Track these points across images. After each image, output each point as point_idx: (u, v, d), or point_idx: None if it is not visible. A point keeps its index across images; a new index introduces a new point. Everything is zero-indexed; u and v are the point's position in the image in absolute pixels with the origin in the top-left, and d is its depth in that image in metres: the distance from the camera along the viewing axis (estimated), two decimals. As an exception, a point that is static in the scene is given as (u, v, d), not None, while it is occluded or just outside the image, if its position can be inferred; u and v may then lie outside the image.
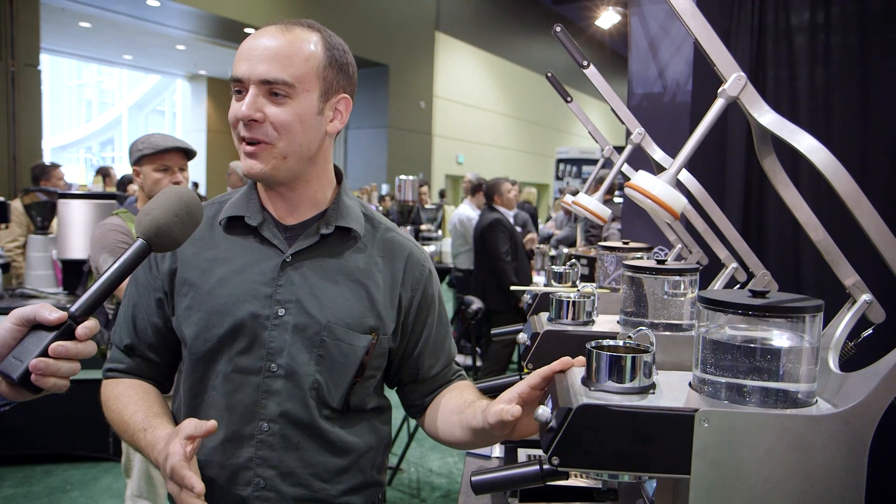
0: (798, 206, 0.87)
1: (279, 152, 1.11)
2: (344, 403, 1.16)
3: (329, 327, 1.14)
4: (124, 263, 0.90)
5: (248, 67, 1.09)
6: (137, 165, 2.44)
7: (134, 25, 11.43)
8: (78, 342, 0.86)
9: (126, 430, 1.13)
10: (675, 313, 1.21)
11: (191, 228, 0.96)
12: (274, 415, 1.13)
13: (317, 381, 1.14)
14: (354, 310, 1.16)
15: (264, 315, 1.13)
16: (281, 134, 1.10)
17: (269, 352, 1.13)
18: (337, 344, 1.14)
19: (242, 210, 1.18)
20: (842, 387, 0.79)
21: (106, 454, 3.84)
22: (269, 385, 1.13)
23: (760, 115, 0.79)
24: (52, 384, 0.85)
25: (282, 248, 1.16)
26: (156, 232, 0.91)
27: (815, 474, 0.74)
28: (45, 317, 0.85)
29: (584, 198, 1.31)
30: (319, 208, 1.20)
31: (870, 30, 1.96)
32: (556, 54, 19.72)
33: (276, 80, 1.08)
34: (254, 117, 1.08)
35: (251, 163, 1.12)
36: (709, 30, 0.80)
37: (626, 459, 0.76)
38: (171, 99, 20.24)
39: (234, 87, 1.11)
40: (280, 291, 1.14)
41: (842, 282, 0.88)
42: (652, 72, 2.14)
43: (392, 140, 13.97)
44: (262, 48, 1.09)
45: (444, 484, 3.84)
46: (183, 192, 0.96)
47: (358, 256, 1.20)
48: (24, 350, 0.85)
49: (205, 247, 1.19)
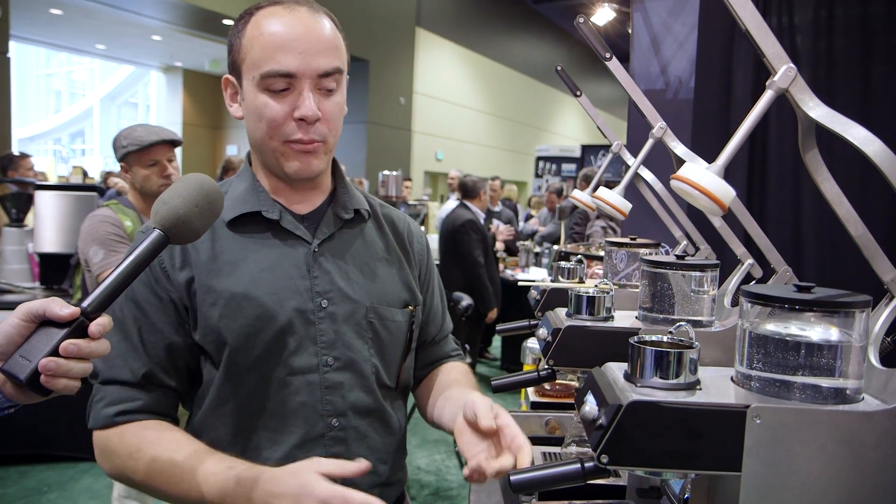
0: (838, 201, 0.86)
1: (329, 147, 1.09)
2: (396, 381, 1.17)
3: (374, 309, 1.13)
4: (140, 256, 0.84)
5: (304, 61, 1.01)
6: (124, 161, 2.38)
7: (108, 14, 11.18)
8: (91, 340, 0.79)
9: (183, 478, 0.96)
10: (695, 309, 1.20)
11: (211, 219, 0.90)
12: (342, 409, 1.09)
13: (374, 366, 1.12)
14: (389, 287, 1.16)
15: (309, 310, 1.08)
16: (331, 129, 1.07)
17: (323, 346, 1.09)
18: (384, 324, 1.14)
19: (255, 205, 1.11)
20: (888, 383, 0.78)
21: (89, 454, 3.74)
22: (330, 379, 1.09)
23: (811, 109, 0.78)
24: (62, 385, 0.78)
25: (306, 237, 1.12)
26: (175, 223, 0.85)
27: (867, 471, 0.73)
28: (55, 312, 0.78)
29: (605, 192, 1.30)
30: (325, 193, 1.18)
31: (872, 33, 1.98)
32: (535, 53, 19.83)
33: (335, 69, 1.03)
34: (320, 116, 1.03)
35: (312, 161, 1.07)
36: (760, 21, 0.79)
37: (675, 457, 0.75)
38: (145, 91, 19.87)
39: (275, 84, 1.02)
40: (317, 283, 1.10)
41: (880, 277, 0.87)
42: (654, 69, 2.14)
43: (371, 136, 13.88)
44: (315, 38, 1.02)
45: (433, 481, 3.82)
46: (203, 181, 0.90)
47: (374, 235, 1.20)
48: (33, 348, 0.78)
49: (215, 248, 1.09)
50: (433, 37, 15.65)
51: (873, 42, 2.02)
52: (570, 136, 21.31)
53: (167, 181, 2.40)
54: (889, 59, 2.02)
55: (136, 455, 1.01)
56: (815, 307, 0.76)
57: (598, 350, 1.20)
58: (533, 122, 20.33)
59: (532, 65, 19.32)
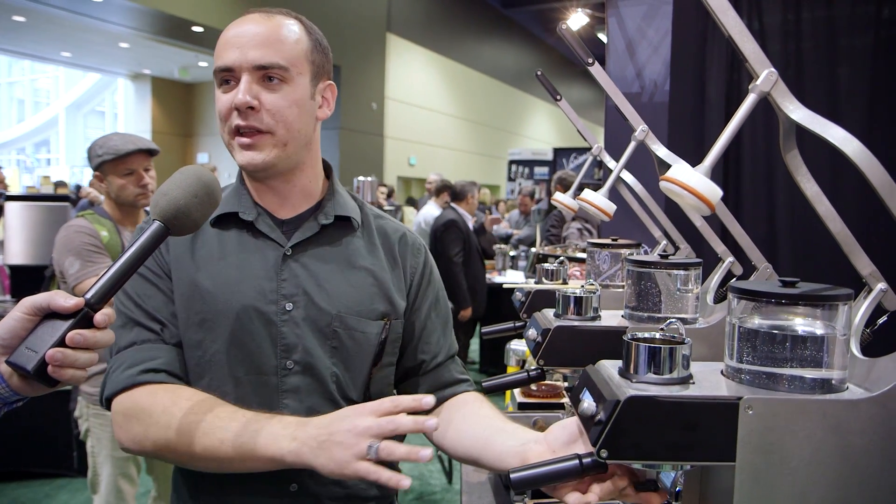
0: (818, 199, 0.90)
1: (279, 140, 1.09)
2: (364, 394, 1.15)
3: (340, 317, 1.12)
4: (140, 247, 0.85)
5: (239, 54, 1.06)
6: (99, 171, 2.35)
7: (73, 21, 11.00)
8: (96, 330, 0.81)
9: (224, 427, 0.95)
10: (680, 307, 1.23)
11: (210, 210, 0.92)
12: (298, 412, 1.08)
13: (335, 374, 1.12)
14: (363, 297, 1.15)
15: (272, 311, 1.09)
16: (278, 121, 1.08)
17: (283, 348, 1.09)
18: (350, 333, 1.13)
19: (234, 206, 1.14)
20: (871, 372, 0.82)
21: (68, 470, 3.66)
22: (288, 383, 1.09)
23: (792, 111, 0.81)
24: (69, 376, 0.80)
25: (280, 241, 1.13)
26: (174, 214, 0.87)
27: (854, 457, 0.76)
28: (60, 304, 0.80)
29: (590, 194, 1.33)
30: (313, 200, 1.19)
31: (836, 35, 2.04)
32: (506, 57, 19.95)
33: (271, 63, 1.06)
34: (251, 104, 1.05)
35: (250, 154, 1.08)
36: (741, 26, 0.82)
37: (672, 449, 0.77)
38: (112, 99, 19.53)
39: (222, 78, 1.08)
40: (284, 285, 1.11)
41: (859, 272, 0.91)
42: (630, 72, 2.19)
43: (344, 142, 13.84)
44: (251, 34, 1.07)
45: (417, 486, 3.82)
46: (202, 172, 0.92)
47: (359, 243, 1.20)
48: (38, 340, 0.79)
49: (194, 243, 1.13)
50: (404, 42, 15.68)
51: (838, 44, 2.09)
52: (541, 139, 21.48)
53: (144, 191, 2.38)
54: (853, 61, 2.09)
55: (171, 409, 0.99)
56: (800, 301, 0.80)
57: (587, 349, 1.23)
58: (505, 126, 20.46)
59: (503, 69, 19.45)
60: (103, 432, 2.35)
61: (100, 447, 2.36)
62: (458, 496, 1.91)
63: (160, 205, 0.87)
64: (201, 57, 13.11)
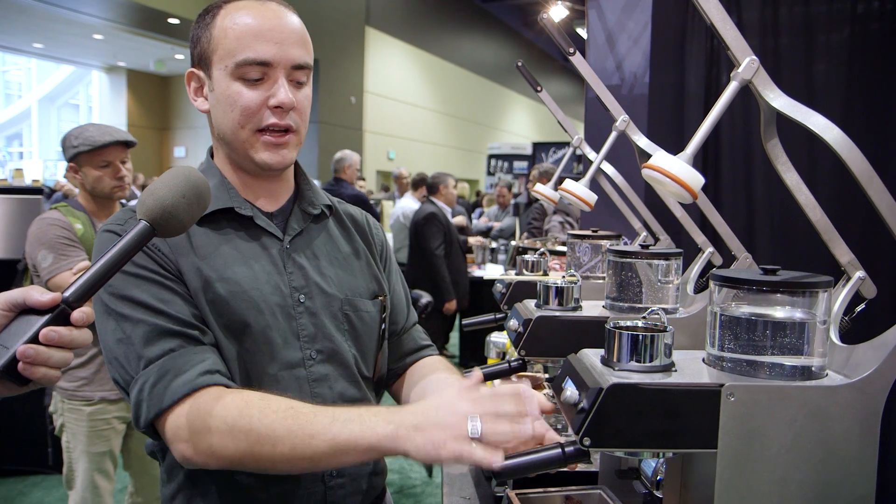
0: (798, 188, 0.90)
1: (300, 139, 1.11)
2: (374, 371, 1.18)
3: (349, 301, 1.15)
4: (124, 247, 0.82)
5: (279, 51, 1.04)
6: (74, 162, 2.30)
7: (46, 11, 10.77)
8: (73, 328, 0.78)
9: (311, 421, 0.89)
10: (660, 297, 1.24)
11: (198, 212, 0.88)
12: (331, 400, 1.09)
13: (355, 356, 1.14)
14: (359, 279, 1.18)
15: (289, 305, 1.09)
16: (303, 120, 1.10)
17: (305, 340, 1.09)
18: (359, 315, 1.16)
19: (227, 201, 1.10)
20: (849, 359, 0.83)
21: (42, 467, 3.59)
22: (316, 372, 1.09)
23: (773, 99, 0.82)
24: (41, 374, 0.76)
25: (277, 234, 1.13)
26: (161, 214, 0.84)
27: (833, 442, 0.77)
28: (35, 298, 0.76)
29: (571, 184, 1.33)
30: (290, 192, 1.20)
31: (814, 32, 2.07)
32: (485, 52, 19.94)
33: (307, 63, 1.08)
34: (295, 104, 1.05)
35: (282, 153, 1.08)
36: (724, 15, 0.82)
37: (655, 437, 0.77)
38: (87, 92, 19.18)
39: (250, 72, 1.03)
40: (293, 278, 1.11)
41: (838, 259, 0.92)
42: (610, 65, 2.19)
43: (322, 136, 13.74)
44: (289, 30, 1.05)
45: (397, 480, 3.81)
46: (190, 172, 0.89)
47: (338, 230, 1.22)
48: (10, 336, 0.75)
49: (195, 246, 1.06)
50: (383, 36, 15.60)
51: (815, 40, 2.11)
52: (520, 133, 21.52)
53: (120, 183, 2.34)
54: (829, 57, 2.12)
55: (249, 411, 0.91)
56: (781, 289, 0.80)
57: (568, 339, 1.23)
58: (484, 120, 20.46)
59: (482, 63, 19.44)
60: (78, 427, 2.31)
61: (75, 442, 2.32)
62: (439, 489, 1.91)
63: (146, 204, 0.84)
64: (178, 49, 12.93)
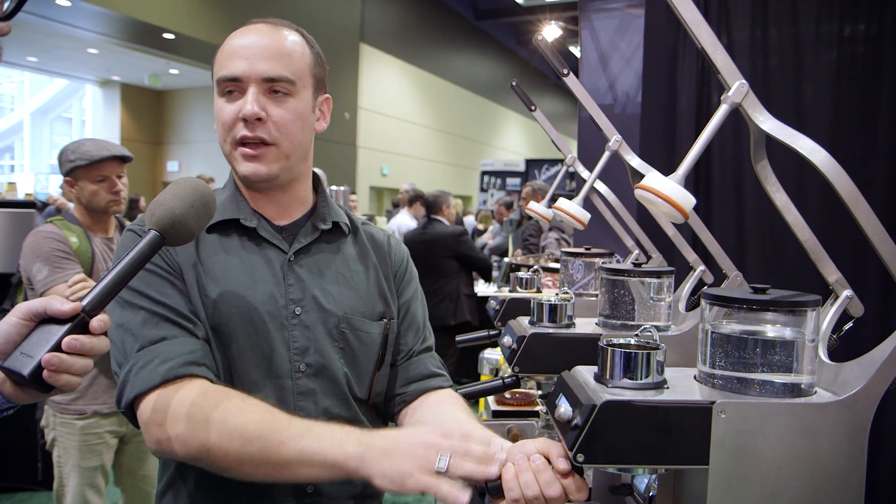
0: (787, 208, 0.92)
1: (283, 153, 1.11)
2: (369, 394, 1.17)
3: (346, 319, 1.15)
4: (136, 256, 0.86)
5: (248, 65, 1.07)
6: (71, 176, 2.31)
7: (40, 25, 10.76)
8: (92, 336, 0.81)
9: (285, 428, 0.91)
10: (653, 314, 1.25)
11: (205, 221, 0.93)
12: (314, 415, 1.08)
13: (347, 375, 1.13)
14: (364, 298, 1.18)
15: (283, 316, 1.10)
16: (283, 134, 1.10)
17: (295, 352, 1.10)
18: (357, 334, 1.15)
19: (234, 212, 1.14)
20: (837, 376, 0.84)
21: (32, 483, 3.55)
22: (302, 385, 1.10)
23: (762, 122, 0.84)
24: (65, 381, 0.80)
25: (282, 247, 1.15)
26: (171, 223, 0.88)
27: (822, 458, 0.79)
28: (56, 308, 0.80)
29: (565, 202, 1.34)
30: (307, 207, 1.21)
31: (802, 52, 2.10)
32: (479, 69, 20.08)
33: (280, 77, 1.08)
34: (260, 115, 1.07)
35: (255, 166, 1.09)
36: (714, 40, 0.85)
37: (647, 453, 0.79)
38: (80, 105, 19.16)
39: (226, 88, 1.09)
40: (291, 290, 1.12)
41: (826, 278, 0.94)
42: (603, 84, 2.22)
43: (316, 151, 13.47)
44: (259, 45, 1.08)
45: (388, 497, 3.79)
46: (198, 183, 0.94)
47: (352, 248, 1.23)
48: (34, 345, 0.79)
49: (199, 251, 1.11)
50: (377, 52, 15.69)
51: (804, 61, 2.15)
52: (513, 150, 21.63)
53: (116, 197, 2.35)
54: (817, 78, 2.16)
55: (226, 405, 0.92)
56: (771, 307, 0.82)
57: (561, 356, 1.24)
58: (477, 136, 20.56)
59: (475, 81, 19.56)
60: (70, 441, 2.29)
61: (66, 457, 2.31)
62: (432, 505, 1.91)
63: (156, 214, 0.89)
64: (172, 64, 12.94)
